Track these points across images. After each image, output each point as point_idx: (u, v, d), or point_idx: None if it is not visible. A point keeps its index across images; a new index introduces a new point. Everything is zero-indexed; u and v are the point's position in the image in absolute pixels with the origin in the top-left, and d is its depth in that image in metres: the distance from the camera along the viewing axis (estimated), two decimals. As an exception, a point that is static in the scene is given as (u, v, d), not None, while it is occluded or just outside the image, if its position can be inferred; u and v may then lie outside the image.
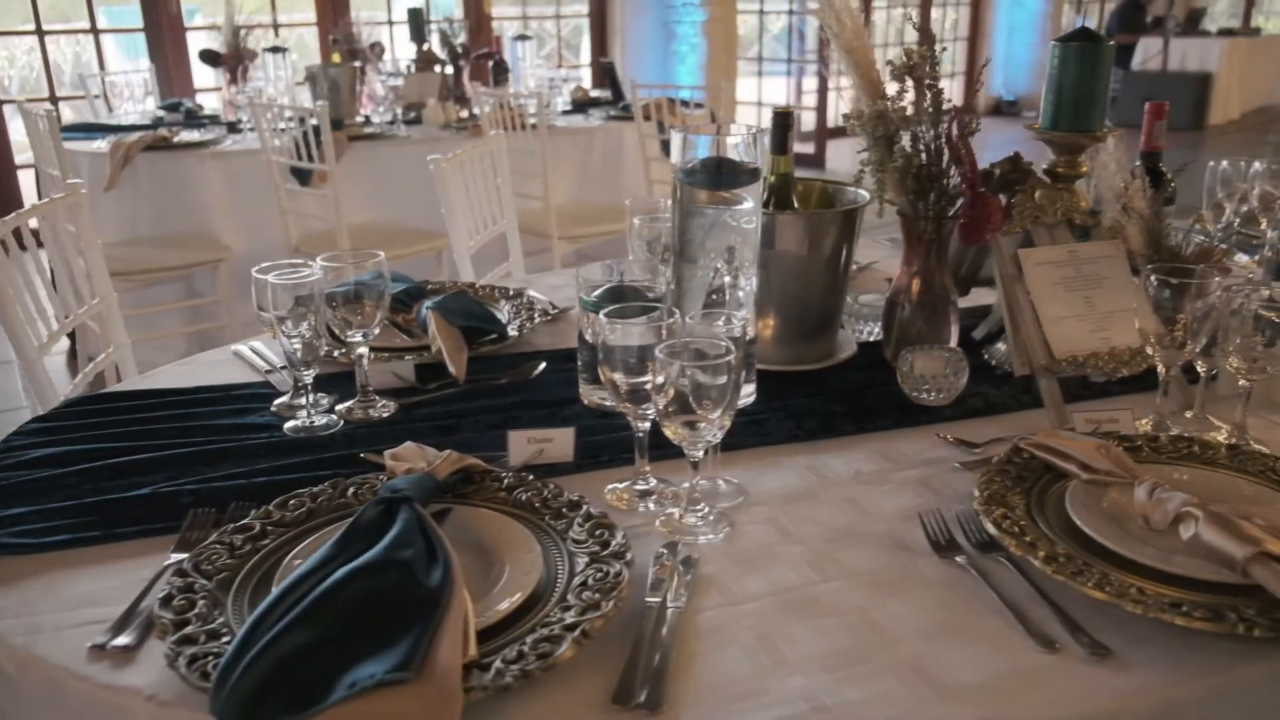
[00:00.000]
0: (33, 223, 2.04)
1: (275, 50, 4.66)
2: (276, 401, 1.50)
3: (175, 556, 1.09)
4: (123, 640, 0.96)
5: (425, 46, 4.89)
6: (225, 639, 0.92)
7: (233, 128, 4.45)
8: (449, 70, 4.85)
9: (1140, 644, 0.94)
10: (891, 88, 1.49)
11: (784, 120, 1.59)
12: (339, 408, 1.48)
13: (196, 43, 6.28)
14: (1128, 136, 1.83)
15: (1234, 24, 14.58)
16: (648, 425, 1.21)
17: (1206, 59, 11.60)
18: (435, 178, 2.43)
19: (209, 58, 4.76)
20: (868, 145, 1.47)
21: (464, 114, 4.76)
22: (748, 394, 1.48)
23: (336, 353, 1.61)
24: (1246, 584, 0.97)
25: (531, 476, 1.21)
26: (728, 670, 0.91)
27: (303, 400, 1.45)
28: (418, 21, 4.91)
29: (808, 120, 9.54)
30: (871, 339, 1.71)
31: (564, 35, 9.28)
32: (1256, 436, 1.36)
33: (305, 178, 3.94)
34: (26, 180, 5.98)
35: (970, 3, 12.31)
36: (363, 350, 1.47)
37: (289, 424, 1.43)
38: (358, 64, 4.68)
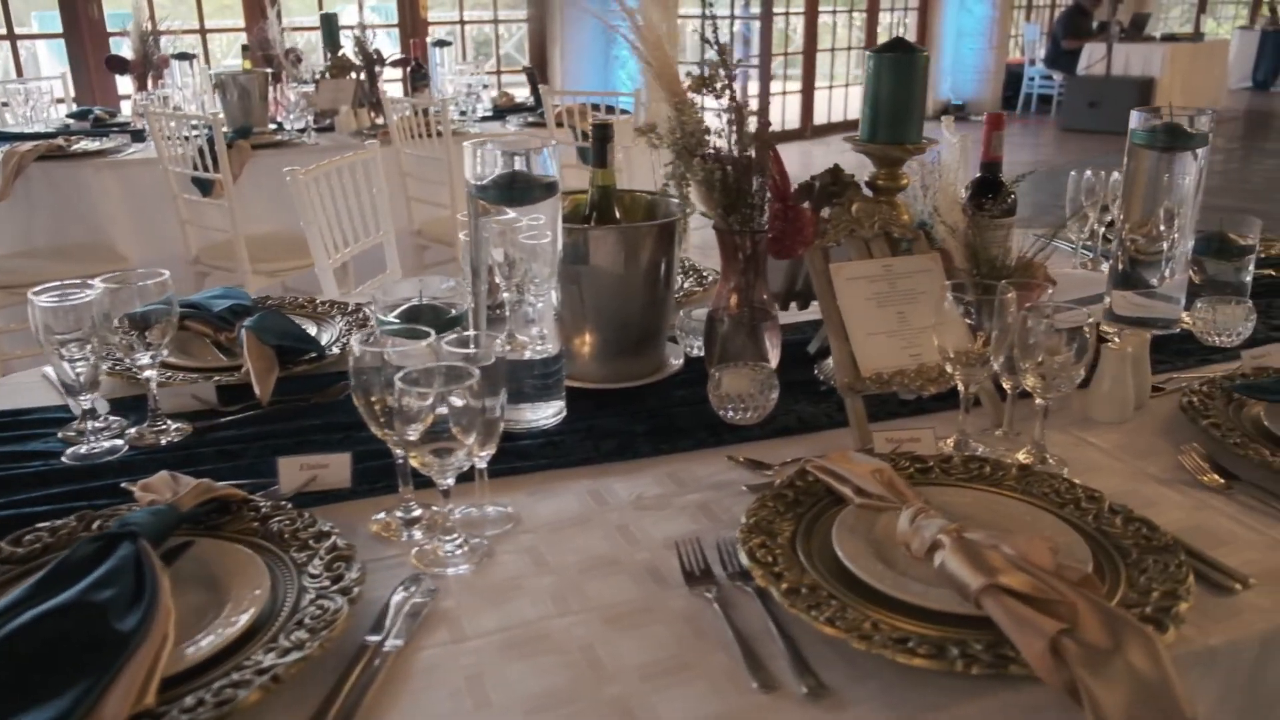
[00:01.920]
0: None
1: (183, 57, 4.58)
2: (70, 426, 1.44)
3: (-113, 598, 1.02)
4: None
5: (340, 52, 4.82)
6: (-105, 690, 0.87)
7: (138, 136, 4.36)
8: (364, 76, 4.78)
9: (865, 681, 0.90)
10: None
11: (603, 133, 1.56)
12: (130, 432, 1.42)
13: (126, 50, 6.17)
14: (1068, 140, 1.80)
15: (1187, 29, 14.76)
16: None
17: (1149, 64, 11.72)
18: (292, 190, 2.38)
19: (116, 64, 4.67)
20: (672, 157, 1.43)
21: (379, 120, 4.69)
22: (555, 413, 1.45)
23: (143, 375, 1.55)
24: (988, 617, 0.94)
25: (289, 506, 1.16)
26: (424, 715, 0.87)
27: (87, 425, 1.39)
28: (331, 27, 4.84)
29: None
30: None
31: (516, 40, 9.24)
32: (1061, 455, 1.34)
33: (207, 187, 3.86)
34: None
35: (918, 8, 12.38)
36: (151, 374, 1.41)
37: (70, 451, 1.37)
38: (269, 70, 4.60)
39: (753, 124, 1.44)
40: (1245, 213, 1.79)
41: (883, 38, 12.03)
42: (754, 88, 9.70)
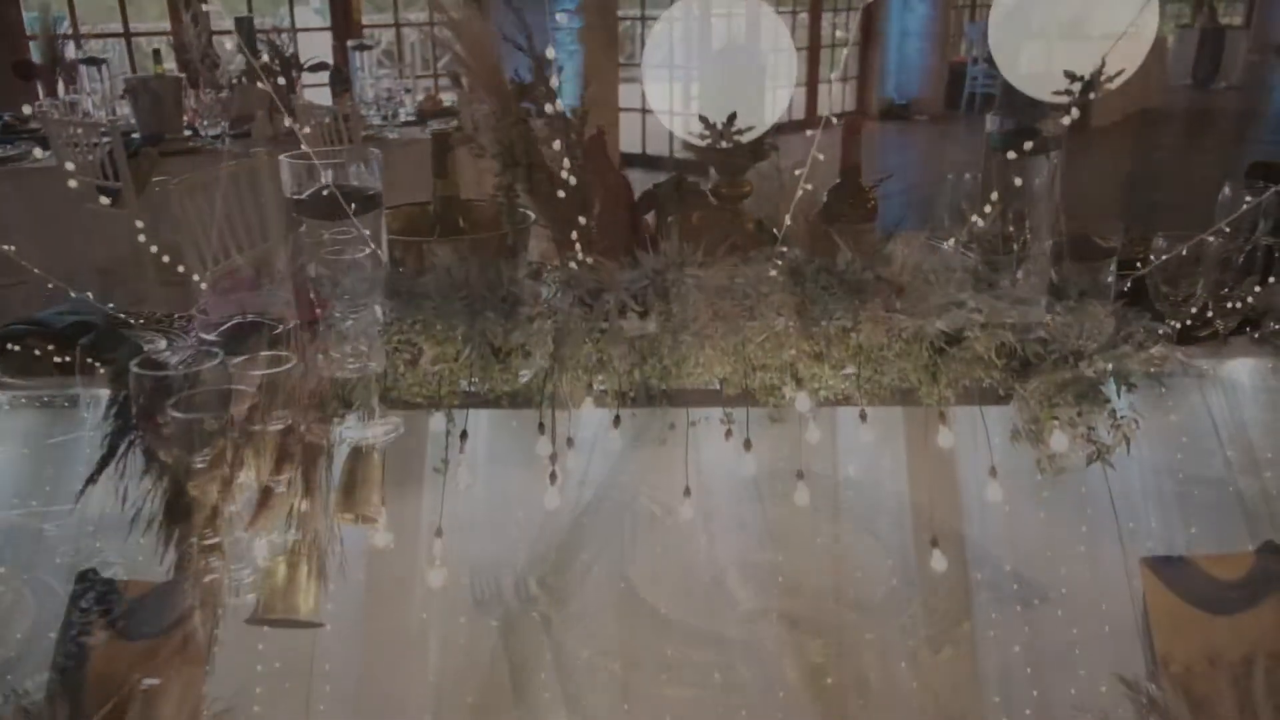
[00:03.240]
0: None
1: (90, 62, 4.48)
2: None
3: None
4: None
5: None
6: None
7: (44, 144, 4.26)
8: (281, 81, 4.71)
9: (636, 712, 0.88)
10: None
11: (443, 141, 1.52)
12: (-57, 457, 1.37)
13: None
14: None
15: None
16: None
17: (1089, 62, 11.80)
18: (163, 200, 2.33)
19: (22, 69, 4.57)
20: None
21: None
22: (387, 430, 1.41)
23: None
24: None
25: (79, 535, 1.12)
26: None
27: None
28: (247, 31, 4.76)
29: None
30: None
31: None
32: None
33: (116, 196, 3.78)
34: None
35: (861, 9, 12.42)
36: (-41, 396, 1.37)
37: (-126, 478, 1.32)
38: (183, 75, 4.52)
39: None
40: (1175, 209, 1.79)
41: (826, 39, 12.09)
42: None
